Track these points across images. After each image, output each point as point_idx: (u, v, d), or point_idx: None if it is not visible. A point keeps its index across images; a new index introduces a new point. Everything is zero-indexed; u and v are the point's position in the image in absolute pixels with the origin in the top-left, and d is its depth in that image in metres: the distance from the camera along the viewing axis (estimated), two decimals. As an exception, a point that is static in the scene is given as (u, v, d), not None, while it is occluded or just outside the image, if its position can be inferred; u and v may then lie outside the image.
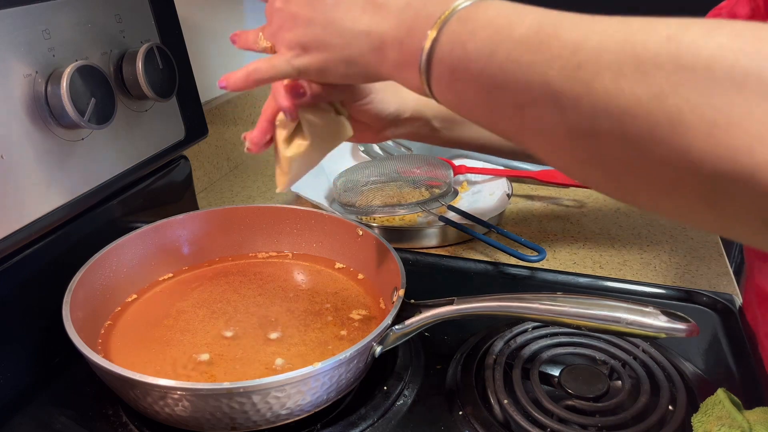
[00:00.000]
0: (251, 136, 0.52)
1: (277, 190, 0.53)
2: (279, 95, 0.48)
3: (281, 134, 0.51)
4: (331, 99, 0.50)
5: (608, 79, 0.27)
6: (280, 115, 0.50)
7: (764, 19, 0.60)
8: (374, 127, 0.56)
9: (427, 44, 0.34)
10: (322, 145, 0.52)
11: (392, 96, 0.55)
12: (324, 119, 0.51)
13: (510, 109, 0.32)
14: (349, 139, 0.55)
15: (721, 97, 0.25)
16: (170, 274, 0.66)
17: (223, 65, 1.02)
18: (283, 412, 0.46)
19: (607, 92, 0.27)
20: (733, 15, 0.62)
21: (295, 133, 0.51)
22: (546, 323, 0.59)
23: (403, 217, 0.84)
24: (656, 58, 0.26)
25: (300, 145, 0.50)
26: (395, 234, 0.79)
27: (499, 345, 0.57)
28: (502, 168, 0.96)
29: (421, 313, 0.51)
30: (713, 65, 0.25)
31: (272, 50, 0.45)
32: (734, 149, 0.25)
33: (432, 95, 0.36)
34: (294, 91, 0.47)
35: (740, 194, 0.26)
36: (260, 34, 0.46)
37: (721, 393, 0.47)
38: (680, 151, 0.26)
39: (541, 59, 0.29)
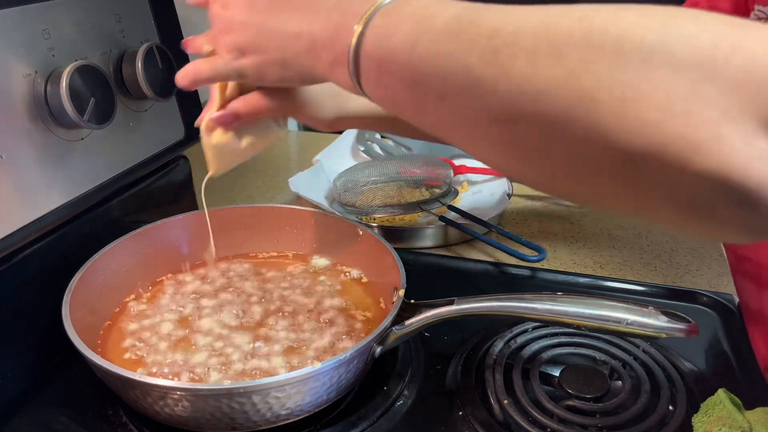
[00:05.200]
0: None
1: (208, 175, 0.53)
2: (212, 92, 0.48)
3: (205, 121, 0.50)
4: (259, 118, 0.49)
5: (524, 62, 0.28)
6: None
7: (745, 12, 0.59)
8: (318, 126, 0.54)
9: (354, 40, 0.34)
10: (247, 139, 0.51)
11: (330, 104, 0.52)
12: None
13: (434, 100, 0.32)
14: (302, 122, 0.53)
15: (630, 73, 0.25)
16: (170, 274, 0.66)
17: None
18: (283, 412, 0.46)
19: (523, 74, 0.28)
20: (713, 8, 0.61)
21: None
22: (546, 323, 0.59)
23: (403, 217, 0.84)
24: (569, 38, 0.27)
25: (220, 134, 0.49)
26: (395, 234, 0.79)
27: (499, 345, 0.56)
28: (502, 168, 0.96)
29: (421, 313, 0.51)
30: (622, 42, 0.25)
31: (214, 54, 0.46)
32: (643, 123, 0.25)
33: (363, 92, 0.36)
34: (222, 122, 0.48)
35: (652, 171, 0.26)
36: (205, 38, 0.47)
37: (721, 393, 0.47)
38: (593, 129, 0.26)
39: (461, 47, 0.30)
